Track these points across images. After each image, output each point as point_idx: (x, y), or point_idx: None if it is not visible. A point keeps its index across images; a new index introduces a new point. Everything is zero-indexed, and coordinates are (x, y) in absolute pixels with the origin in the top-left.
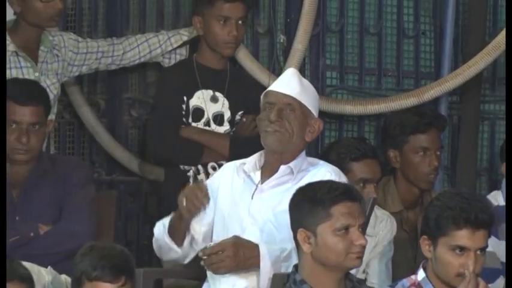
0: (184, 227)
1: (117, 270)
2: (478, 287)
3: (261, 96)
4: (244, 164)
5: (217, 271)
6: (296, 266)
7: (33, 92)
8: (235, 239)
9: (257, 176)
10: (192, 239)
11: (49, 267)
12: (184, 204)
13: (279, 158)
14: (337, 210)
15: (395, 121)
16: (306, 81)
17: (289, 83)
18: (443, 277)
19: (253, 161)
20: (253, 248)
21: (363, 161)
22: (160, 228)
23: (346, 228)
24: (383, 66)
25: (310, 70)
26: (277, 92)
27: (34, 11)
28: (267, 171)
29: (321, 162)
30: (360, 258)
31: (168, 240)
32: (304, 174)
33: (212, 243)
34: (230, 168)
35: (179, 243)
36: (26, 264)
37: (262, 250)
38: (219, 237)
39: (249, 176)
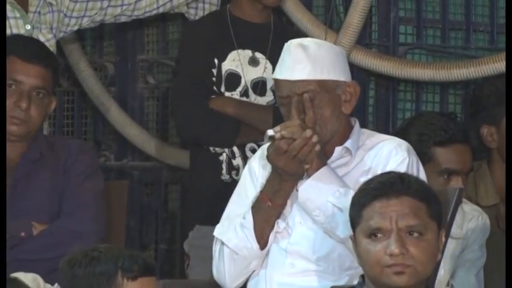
0: (280, 208)
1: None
2: None
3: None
4: None
5: (305, 154)
6: (363, 276)
7: (41, 50)
8: None
9: None
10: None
11: (56, 284)
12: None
13: (325, 146)
14: (367, 211)
15: (489, 89)
16: (312, 45)
17: (294, 62)
18: None
19: None
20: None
21: (450, 146)
22: (238, 234)
23: (376, 234)
24: (472, 19)
25: (378, 24)
26: (285, 80)
27: None
28: None
29: (379, 136)
30: (400, 274)
31: (254, 244)
32: (364, 153)
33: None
34: (256, 160)
35: (264, 243)
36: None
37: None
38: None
39: None
